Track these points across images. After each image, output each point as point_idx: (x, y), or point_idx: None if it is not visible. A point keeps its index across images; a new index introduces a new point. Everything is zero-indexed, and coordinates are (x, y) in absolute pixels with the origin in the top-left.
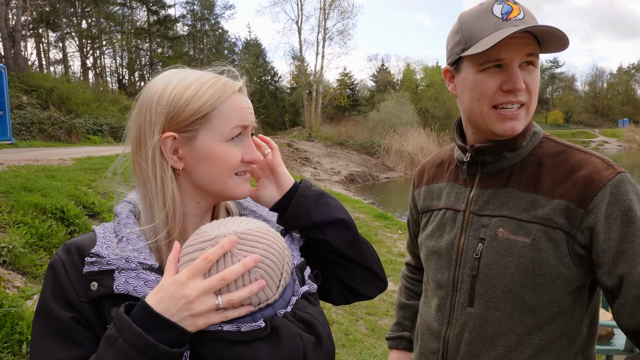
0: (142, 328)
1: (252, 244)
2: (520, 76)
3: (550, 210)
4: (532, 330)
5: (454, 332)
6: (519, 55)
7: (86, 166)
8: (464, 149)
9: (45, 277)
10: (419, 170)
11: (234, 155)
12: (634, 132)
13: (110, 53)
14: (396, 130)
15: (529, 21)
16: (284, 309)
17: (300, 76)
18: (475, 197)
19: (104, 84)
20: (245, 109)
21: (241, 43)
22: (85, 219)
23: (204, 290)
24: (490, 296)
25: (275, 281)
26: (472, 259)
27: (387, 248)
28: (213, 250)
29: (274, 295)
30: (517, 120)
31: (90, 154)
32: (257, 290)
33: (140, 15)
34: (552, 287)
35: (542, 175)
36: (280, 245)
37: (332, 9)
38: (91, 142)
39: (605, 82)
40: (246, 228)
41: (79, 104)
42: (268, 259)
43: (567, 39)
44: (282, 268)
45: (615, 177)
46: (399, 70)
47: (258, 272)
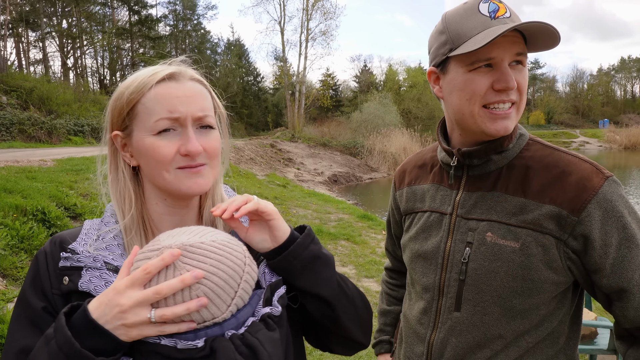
0: (76, 332)
1: (199, 259)
2: (511, 74)
3: (540, 216)
4: (520, 334)
5: (439, 336)
6: (509, 54)
7: (67, 167)
8: (450, 153)
9: (30, 266)
10: (400, 171)
11: (163, 149)
12: (614, 133)
13: (92, 53)
14: (379, 131)
15: (515, 20)
16: (234, 330)
17: (283, 77)
18: (462, 200)
19: (85, 84)
20: (174, 98)
21: (224, 43)
22: (67, 221)
23: (138, 301)
24: (479, 301)
25: (224, 299)
26: (459, 263)
27: (371, 249)
28: (153, 262)
29: (223, 314)
30: (508, 119)
31: (71, 154)
32: (195, 309)
33: (122, 15)
34: (540, 291)
35: (530, 178)
36: (238, 262)
37: (315, 9)
38: (72, 142)
39: (586, 83)
40: (198, 240)
41: (59, 104)
42: (216, 275)
43: (558, 35)
44: (238, 286)
45: (605, 183)
46: (381, 71)
47: (201, 289)
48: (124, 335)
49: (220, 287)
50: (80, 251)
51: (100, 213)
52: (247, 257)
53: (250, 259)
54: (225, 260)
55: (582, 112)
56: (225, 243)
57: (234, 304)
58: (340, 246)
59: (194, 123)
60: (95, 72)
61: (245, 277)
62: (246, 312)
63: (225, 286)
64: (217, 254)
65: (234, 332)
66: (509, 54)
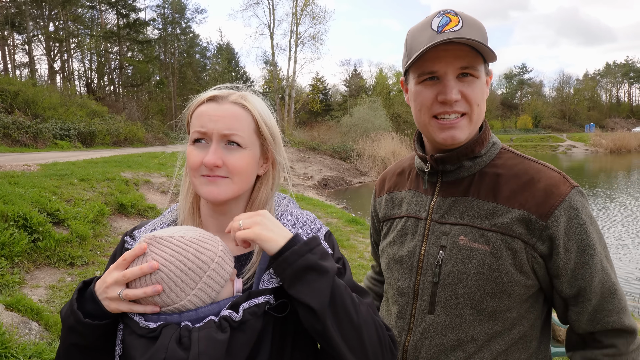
0: (84, 297)
1: (163, 249)
2: (455, 87)
3: (510, 220)
4: (492, 337)
5: (413, 339)
6: (452, 68)
7: (52, 172)
8: (424, 159)
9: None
10: (381, 179)
11: (193, 157)
12: (600, 137)
13: (79, 56)
14: (369, 135)
15: (465, 33)
16: (190, 322)
17: (273, 81)
18: (436, 205)
19: (71, 87)
20: (207, 116)
21: (213, 47)
22: (50, 227)
23: (114, 280)
24: (451, 303)
25: (182, 289)
26: (433, 266)
27: (359, 253)
28: (129, 252)
29: (181, 302)
30: (456, 129)
31: (56, 159)
32: (151, 293)
33: (110, 18)
34: (511, 293)
35: (501, 184)
36: (203, 257)
37: (304, 14)
38: (58, 147)
39: (572, 88)
40: (169, 234)
41: (45, 108)
42: (174, 265)
43: (485, 49)
44: (200, 280)
45: (572, 191)
46: (371, 75)
47: (160, 275)
48: (107, 306)
49: (178, 277)
50: (136, 237)
51: (83, 218)
52: (220, 256)
53: (224, 259)
54: (187, 253)
55: (569, 116)
56: (194, 240)
57: (193, 294)
58: None
59: (221, 139)
60: (82, 76)
61: (209, 273)
62: (209, 309)
63: (183, 276)
64: (181, 247)
65: (188, 324)
66: (452, 67)
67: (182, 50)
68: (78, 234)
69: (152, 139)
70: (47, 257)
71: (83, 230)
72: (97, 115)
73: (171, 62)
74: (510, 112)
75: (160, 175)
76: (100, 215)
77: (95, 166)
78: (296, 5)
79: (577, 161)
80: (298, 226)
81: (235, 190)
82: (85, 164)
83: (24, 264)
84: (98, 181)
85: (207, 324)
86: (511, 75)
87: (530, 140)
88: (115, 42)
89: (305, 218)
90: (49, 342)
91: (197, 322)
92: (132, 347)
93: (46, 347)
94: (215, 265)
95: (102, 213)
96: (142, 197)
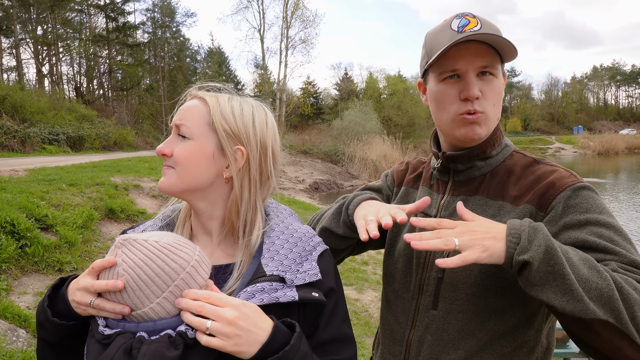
0: (57, 296)
1: (133, 251)
2: (476, 84)
3: (515, 215)
4: (495, 337)
5: (416, 334)
6: (473, 66)
7: (40, 177)
8: (437, 156)
9: None
10: (402, 170)
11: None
12: (588, 139)
13: (68, 60)
14: (360, 139)
15: (485, 32)
16: (146, 333)
17: (264, 84)
18: (446, 203)
19: (60, 91)
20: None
21: (204, 51)
22: (38, 232)
23: (84, 287)
24: (454, 299)
25: (147, 295)
26: None
27: (351, 256)
28: (99, 260)
29: (144, 308)
30: (477, 124)
31: (44, 164)
32: (111, 288)
33: (99, 22)
34: (513, 290)
35: (509, 184)
36: (173, 265)
37: (295, 18)
38: (47, 152)
39: (560, 91)
40: (144, 237)
41: (33, 112)
42: (141, 269)
43: (509, 45)
44: (167, 288)
45: (577, 183)
46: (362, 79)
47: (125, 277)
48: (76, 309)
49: (143, 282)
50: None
51: (72, 224)
52: (193, 266)
53: (197, 269)
54: (156, 259)
55: (557, 119)
56: (167, 246)
57: (157, 303)
58: None
59: (176, 131)
60: (71, 80)
61: (177, 282)
62: (169, 322)
63: (149, 282)
64: (151, 252)
65: (143, 335)
66: (473, 65)
67: (172, 54)
68: (67, 240)
69: (143, 143)
70: (35, 263)
71: (72, 236)
72: (86, 120)
73: (161, 65)
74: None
75: (151, 180)
76: (89, 221)
77: (84, 171)
78: (286, 9)
79: (566, 163)
80: (292, 241)
81: (178, 182)
82: (74, 168)
83: (11, 271)
84: (87, 186)
85: (160, 338)
86: None
87: (520, 143)
88: (105, 46)
89: (302, 233)
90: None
91: (154, 334)
92: (89, 351)
93: (34, 355)
94: (185, 275)
95: (91, 218)
96: (132, 201)
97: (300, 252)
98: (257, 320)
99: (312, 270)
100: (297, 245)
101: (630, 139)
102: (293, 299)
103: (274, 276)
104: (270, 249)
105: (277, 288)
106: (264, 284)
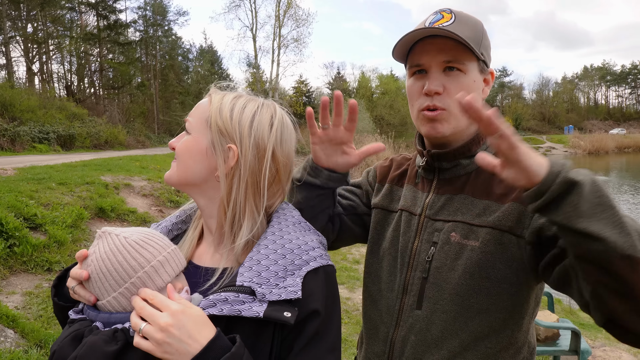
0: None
1: (103, 244)
2: (437, 80)
3: (501, 214)
4: (479, 337)
5: (400, 333)
6: (436, 61)
7: (29, 176)
8: (422, 154)
9: None
10: (386, 167)
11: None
12: (579, 139)
13: (58, 58)
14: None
15: (453, 28)
16: (101, 323)
17: (256, 83)
18: (431, 202)
19: (50, 90)
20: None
21: (196, 50)
22: (26, 232)
23: (72, 273)
24: (438, 299)
25: (106, 287)
26: (423, 262)
27: (342, 255)
28: (81, 251)
29: (103, 300)
30: (437, 121)
31: (34, 163)
32: (77, 277)
33: (90, 20)
34: (498, 291)
35: (495, 182)
36: (132, 262)
37: (287, 17)
38: (37, 150)
39: (551, 91)
40: (120, 232)
41: (23, 110)
42: (103, 262)
43: (462, 42)
44: (124, 283)
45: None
46: (354, 78)
47: (90, 268)
48: (69, 293)
49: (103, 274)
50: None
51: (61, 223)
52: (153, 265)
53: (157, 269)
54: (118, 254)
55: (548, 119)
56: (134, 242)
57: (113, 297)
58: None
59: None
60: (62, 78)
61: (134, 280)
62: (122, 317)
63: (108, 275)
64: (116, 247)
65: (97, 325)
66: (436, 60)
67: (164, 53)
68: (56, 239)
69: (134, 142)
70: (24, 262)
71: (61, 235)
72: (77, 118)
73: (153, 64)
74: None
75: (142, 179)
76: (79, 220)
77: (74, 170)
78: (278, 8)
79: None
80: (280, 252)
81: (175, 174)
82: (64, 167)
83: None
84: (77, 185)
85: (105, 332)
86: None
87: None
88: (96, 44)
89: (296, 245)
90: (25, 350)
91: (108, 326)
92: (64, 330)
93: (22, 355)
94: (143, 274)
95: (81, 217)
96: (123, 200)
97: (286, 266)
98: (193, 331)
99: (292, 287)
100: (285, 257)
101: (619, 138)
102: (257, 315)
103: (243, 287)
104: (252, 258)
105: (244, 301)
106: (229, 294)
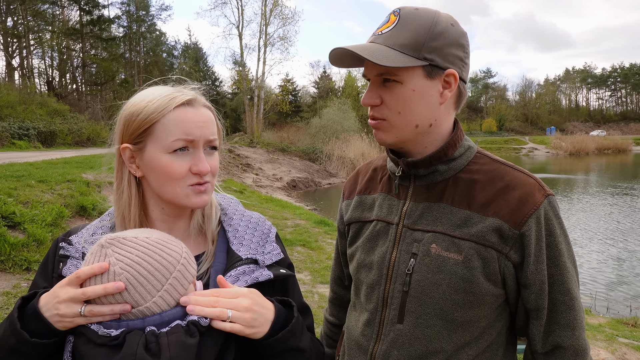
0: (25, 315)
1: (126, 249)
2: (373, 91)
3: (484, 228)
4: (461, 347)
5: (381, 348)
6: (372, 73)
7: (7, 173)
8: (397, 162)
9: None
10: (352, 181)
11: (176, 167)
12: (561, 140)
13: (39, 53)
14: (338, 137)
15: (389, 35)
16: (155, 327)
17: (242, 81)
18: (409, 210)
19: (31, 85)
20: (191, 122)
21: (180, 46)
22: (4, 230)
23: (70, 297)
24: (421, 313)
25: (148, 290)
26: (403, 274)
27: (327, 254)
28: (86, 269)
29: (146, 304)
30: (378, 130)
31: (13, 160)
32: (112, 291)
33: (73, 14)
34: (481, 303)
35: (476, 191)
36: (169, 259)
37: (274, 15)
38: (16, 147)
39: (534, 93)
40: (133, 235)
41: (2, 106)
42: (140, 265)
43: (367, 59)
44: (166, 281)
45: (546, 200)
46: (340, 77)
47: (124, 275)
48: (58, 323)
49: (144, 277)
50: (74, 242)
51: (41, 221)
52: (185, 257)
53: (188, 260)
54: (153, 254)
55: (531, 120)
56: (159, 241)
57: (159, 296)
58: (296, 252)
59: (205, 145)
60: (42, 73)
61: (175, 275)
62: (174, 313)
63: (150, 277)
64: (146, 248)
65: (153, 329)
66: (372, 73)
67: (148, 49)
68: (35, 238)
69: None
70: (2, 262)
71: (40, 234)
72: (58, 114)
73: (137, 60)
74: (475, 115)
75: None
76: (59, 218)
77: (55, 167)
78: (265, 5)
79: (539, 163)
80: (251, 227)
81: (213, 190)
82: (45, 164)
83: None
84: (57, 183)
85: (175, 329)
86: (476, 79)
87: (495, 143)
88: (78, 40)
89: (256, 219)
90: None
91: (162, 326)
92: (89, 357)
93: None
94: (181, 267)
95: (61, 216)
96: (105, 199)
97: (260, 236)
98: (263, 302)
99: (275, 251)
100: (256, 229)
101: (600, 140)
102: (269, 277)
103: (249, 259)
104: (236, 236)
105: (253, 270)
106: (244, 267)
